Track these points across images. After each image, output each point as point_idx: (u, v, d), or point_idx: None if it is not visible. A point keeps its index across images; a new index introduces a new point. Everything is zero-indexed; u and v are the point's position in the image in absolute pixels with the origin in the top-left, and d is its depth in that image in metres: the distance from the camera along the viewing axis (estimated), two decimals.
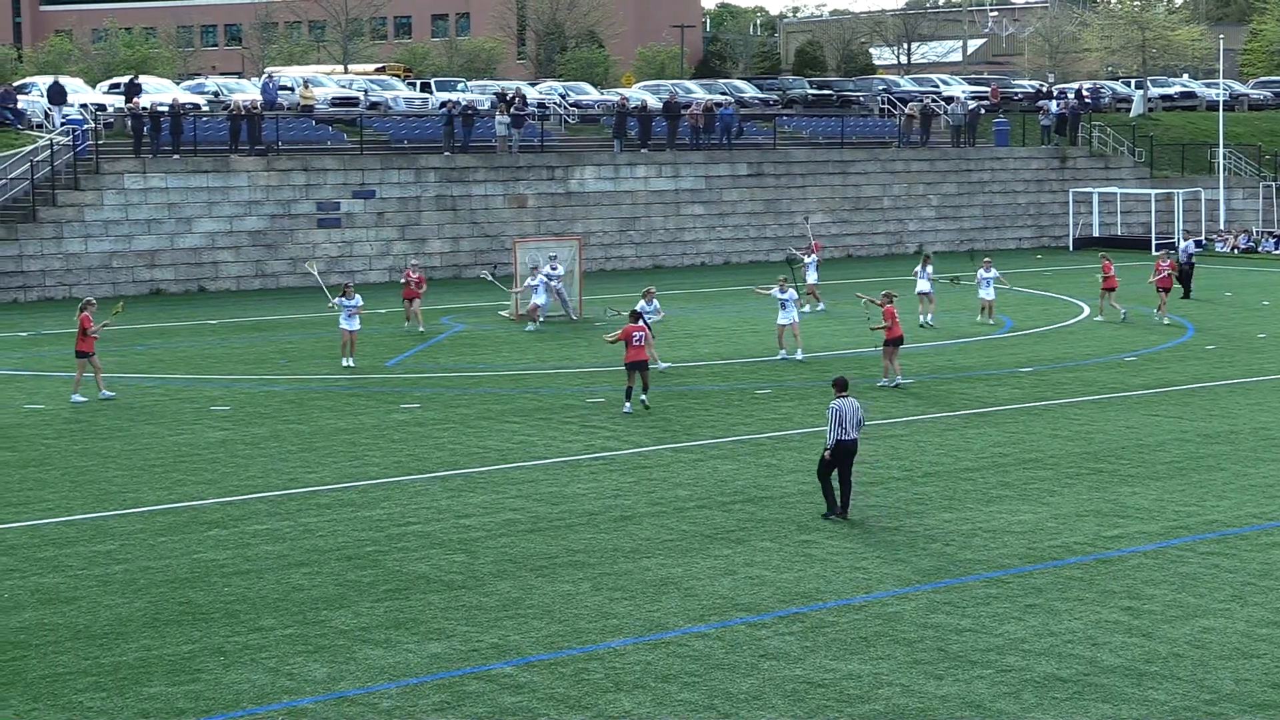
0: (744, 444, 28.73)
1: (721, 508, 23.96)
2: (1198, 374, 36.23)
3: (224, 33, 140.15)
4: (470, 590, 19.80)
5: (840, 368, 35.92)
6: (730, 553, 21.41)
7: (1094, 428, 30.00)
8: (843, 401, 22.95)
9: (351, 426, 30.58)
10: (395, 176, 59.67)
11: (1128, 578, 20.05)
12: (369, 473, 26.55)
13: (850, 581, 20.03)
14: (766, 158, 67.72)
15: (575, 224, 62.19)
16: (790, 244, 65.84)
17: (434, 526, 22.93)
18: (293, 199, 57.78)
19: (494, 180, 61.52)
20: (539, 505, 24.19)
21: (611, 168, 63.96)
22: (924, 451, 27.95)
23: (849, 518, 23.12)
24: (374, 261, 58.97)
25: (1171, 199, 71.90)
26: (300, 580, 20.26)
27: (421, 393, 34.45)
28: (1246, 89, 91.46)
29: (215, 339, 43.14)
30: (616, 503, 24.28)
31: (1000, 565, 20.68)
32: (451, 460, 27.51)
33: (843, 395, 23.03)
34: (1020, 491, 24.88)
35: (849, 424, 22.88)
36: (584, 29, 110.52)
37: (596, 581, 20.10)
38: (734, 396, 33.71)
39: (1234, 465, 26.67)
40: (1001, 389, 34.41)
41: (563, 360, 38.86)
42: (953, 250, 69.18)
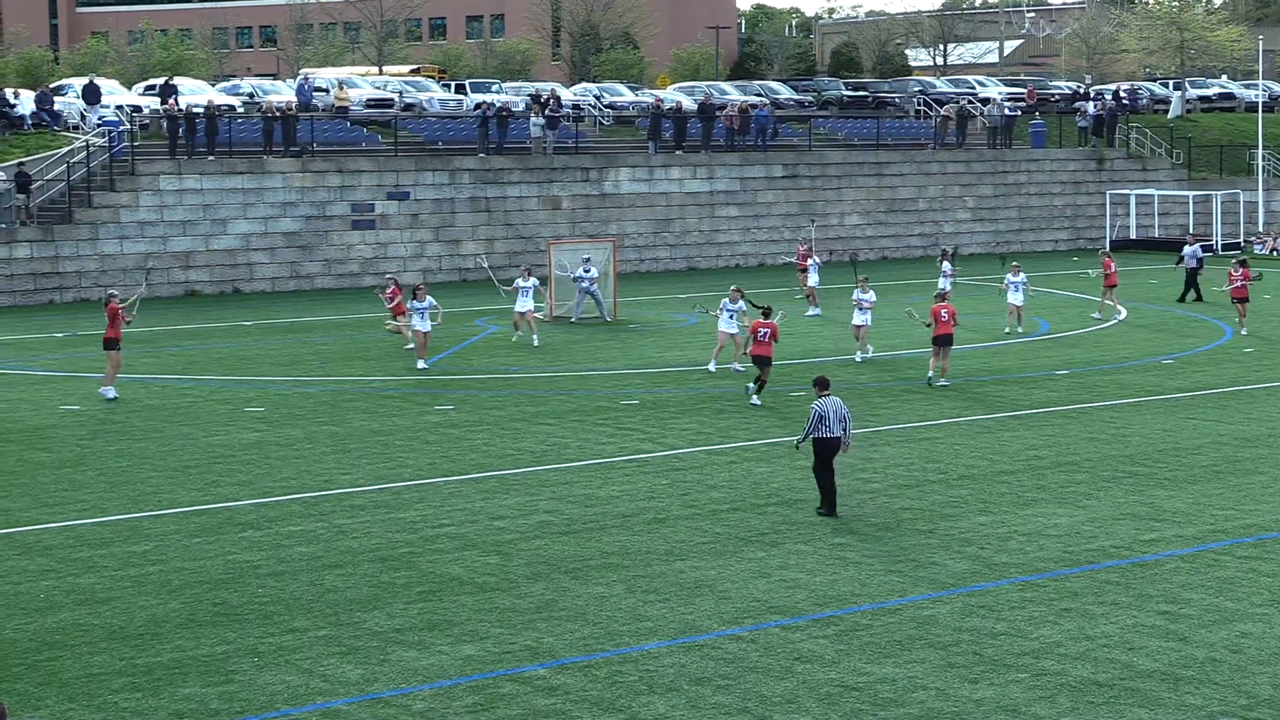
0: (777, 447, 28.71)
1: (755, 510, 23.95)
2: (1235, 377, 36.07)
3: (259, 34, 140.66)
4: (504, 592, 19.83)
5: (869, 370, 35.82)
6: (764, 555, 21.40)
7: (1130, 430, 29.89)
8: (825, 400, 23.23)
9: (385, 428, 30.65)
10: (430, 178, 59.82)
11: (1164, 581, 19.98)
12: (402, 474, 26.61)
13: (885, 585, 20.01)
14: (802, 159, 67.68)
15: (610, 226, 62.24)
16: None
17: (467, 528, 22.97)
18: (327, 200, 57.97)
19: (528, 182, 61.62)
20: (572, 507, 24.21)
21: (646, 169, 64.00)
22: (959, 454, 27.90)
23: (838, 514, 23.40)
24: (408, 263, 59.10)
25: (1210, 201, 71.63)
26: (334, 582, 20.32)
27: (455, 394, 34.51)
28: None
29: (249, 340, 43.30)
30: (650, 505, 24.29)
31: (1036, 569, 20.63)
32: (485, 462, 27.55)
33: (825, 394, 23.31)
34: (1056, 494, 24.81)
35: (831, 422, 23.13)
36: (619, 30, 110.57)
37: (630, 584, 20.12)
38: (768, 398, 33.67)
39: (1272, 469, 26.54)
40: (1037, 391, 34.31)
41: (596, 362, 38.89)
42: (989, 252, 69.02)
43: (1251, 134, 75.29)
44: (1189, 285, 50.55)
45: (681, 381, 35.96)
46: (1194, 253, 51.20)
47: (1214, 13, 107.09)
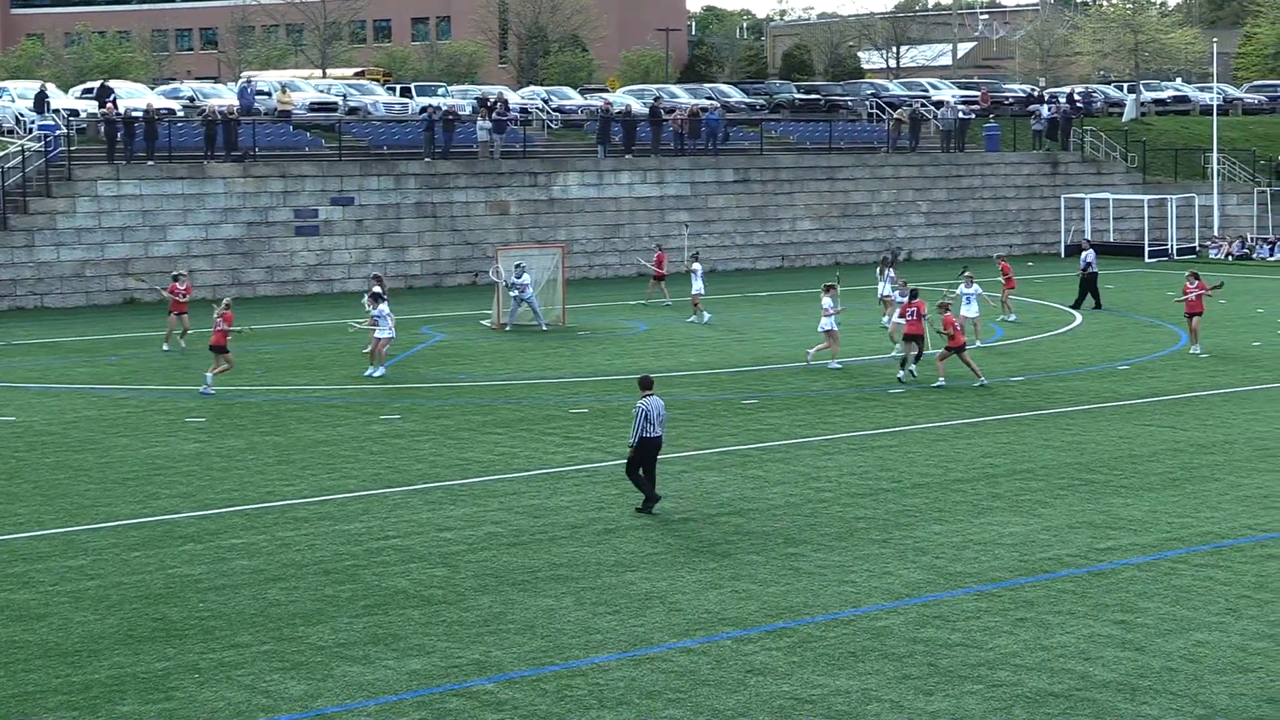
0: (730, 455, 28.73)
1: (707, 520, 23.95)
2: (1191, 383, 36.30)
3: (199, 36, 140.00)
4: (451, 605, 19.78)
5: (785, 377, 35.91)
6: (716, 566, 21.40)
7: (1086, 438, 30.04)
8: (648, 400, 23.88)
9: (329, 438, 30.54)
10: (374, 183, 59.66)
11: (1120, 591, 20.07)
12: (347, 485, 26.51)
13: (838, 595, 20.04)
14: (753, 163, 67.81)
15: (558, 231, 62.21)
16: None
17: (414, 540, 22.90)
18: (270, 206, 57.74)
19: (475, 187, 61.53)
20: (521, 518, 24.16)
21: (595, 174, 64.01)
22: (913, 462, 27.98)
23: (655, 512, 23.99)
24: (353, 270, 58.92)
25: (1165, 205, 72.10)
26: (277, 595, 20.22)
27: (401, 404, 34.41)
28: (1240, 93, 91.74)
29: (190, 349, 43.02)
30: (600, 515, 24.26)
31: (991, 578, 20.70)
32: (432, 473, 27.47)
33: (648, 394, 23.99)
34: (1011, 503, 24.91)
35: (655, 421, 23.82)
36: (567, 32, 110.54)
37: (579, 596, 20.09)
38: (720, 406, 33.71)
39: (1228, 476, 26.73)
40: (992, 398, 34.45)
41: (545, 370, 38.85)
42: (942, 258, 69.28)
43: (1206, 137, 75.85)
44: (1085, 290, 50.52)
45: (631, 389, 35.91)
46: (1086, 257, 51.16)
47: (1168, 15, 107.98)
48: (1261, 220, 73.42)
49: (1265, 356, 40.27)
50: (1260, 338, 43.57)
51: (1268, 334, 44.36)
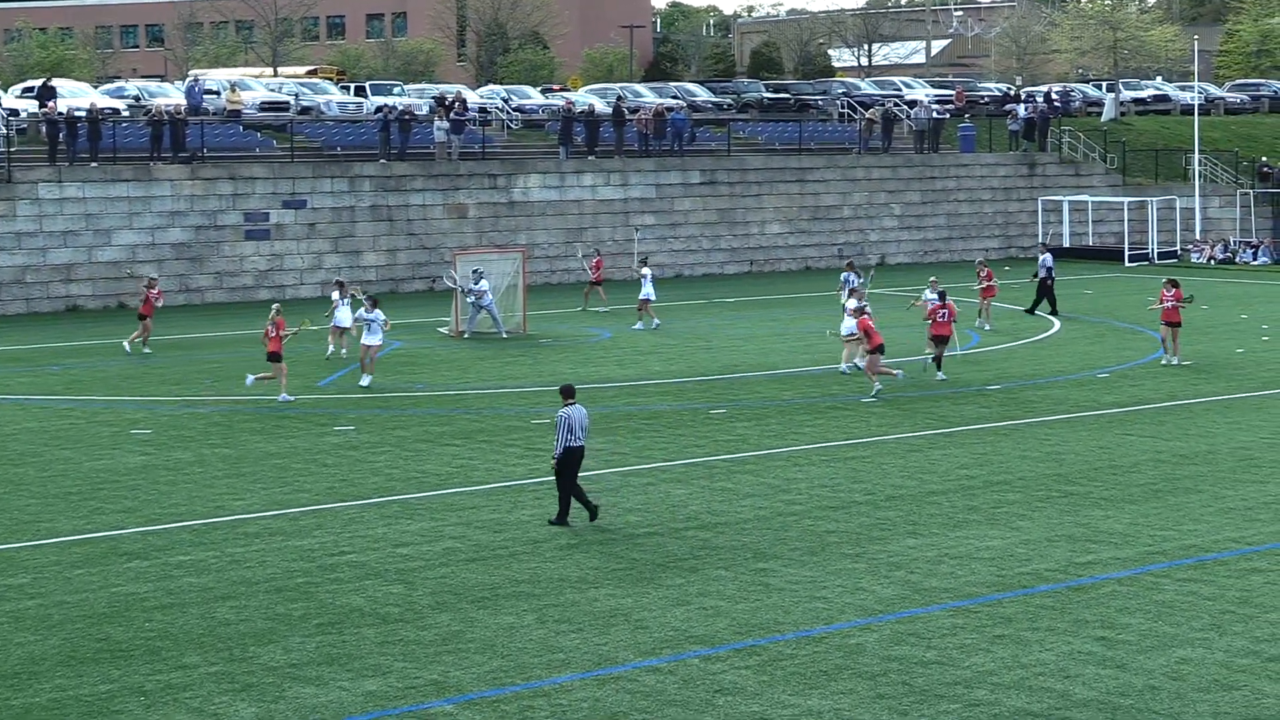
0: (697, 467, 28.74)
1: (674, 534, 23.95)
2: (1173, 391, 36.46)
3: (145, 33, 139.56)
4: (408, 624, 19.73)
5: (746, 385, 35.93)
6: (683, 582, 21.40)
7: (1065, 448, 30.14)
8: (571, 409, 24.19)
9: (281, 450, 30.44)
10: (328, 185, 59.54)
11: (1101, 606, 20.13)
12: (300, 499, 26.43)
13: (809, 612, 20.05)
14: (720, 165, 67.89)
15: (519, 235, 62.18)
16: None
17: (369, 556, 22.84)
18: (219, 209, 57.57)
19: (432, 189, 61.45)
20: (480, 533, 24.13)
21: (557, 176, 64.00)
22: (887, 474, 28.02)
23: (570, 524, 24.19)
24: (305, 275, 58.78)
25: (1145, 207, 72.41)
26: (227, 614, 20.14)
27: (356, 414, 34.33)
28: (1222, 92, 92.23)
29: (136, 358, 42.88)
30: (562, 530, 24.23)
31: (967, 594, 20.73)
32: (388, 486, 27.41)
33: (570, 402, 24.28)
34: (988, 515, 24.96)
35: (578, 430, 24.10)
36: (527, 29, 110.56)
37: (541, 613, 20.06)
38: (687, 416, 33.73)
39: (1212, 487, 26.84)
40: (968, 407, 34.54)
41: (506, 380, 38.81)
42: (916, 262, 69.46)
43: (1187, 137, 76.22)
44: (1041, 295, 50.57)
45: (595, 399, 35.94)
46: (1045, 262, 51.27)
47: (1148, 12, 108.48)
48: (1244, 223, 73.74)
49: (1249, 364, 40.46)
50: (1244, 344, 43.77)
51: (1251, 341, 44.57)
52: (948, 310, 37.60)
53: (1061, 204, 73.06)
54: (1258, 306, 53.07)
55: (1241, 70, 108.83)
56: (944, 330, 37.58)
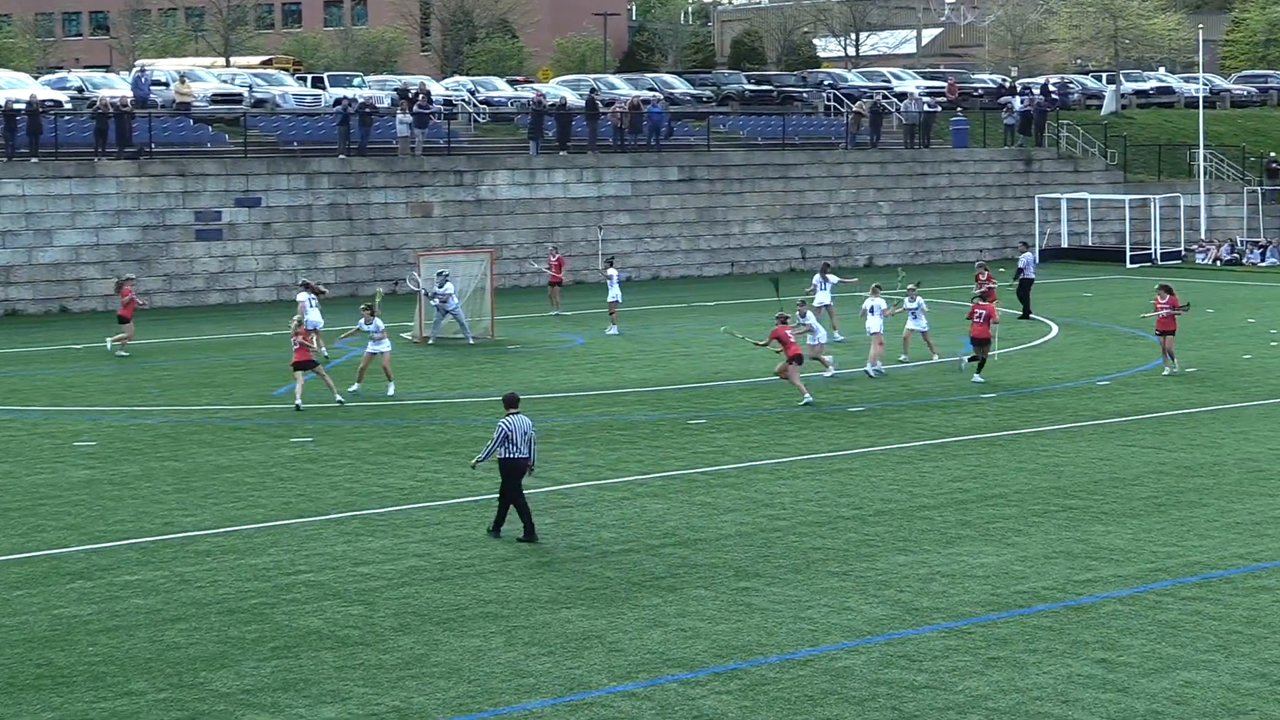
0: (675, 480, 28.76)
1: (650, 552, 23.96)
2: (1177, 400, 36.56)
3: (89, 21, 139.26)
4: (368, 646, 19.71)
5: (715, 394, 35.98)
6: (660, 602, 21.41)
7: (1063, 460, 30.21)
8: (512, 419, 24.37)
9: (234, 463, 30.40)
10: (284, 182, 59.47)
11: (1101, 626, 20.18)
12: (254, 515, 26.39)
13: (794, 633, 20.07)
14: (699, 161, 67.95)
15: (486, 235, 62.17)
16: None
17: (327, 575, 22.82)
18: (168, 208, 57.46)
19: (395, 187, 61.41)
20: (446, 550, 24.12)
21: (527, 172, 64.00)
22: (875, 487, 28.07)
23: (538, 540, 24.30)
24: (260, 277, 58.71)
25: (1147, 206, 72.63)
26: (176, 637, 20.10)
27: (313, 425, 34.29)
28: (1228, 84, 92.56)
29: (79, 365, 42.80)
30: (532, 547, 24.24)
31: (961, 614, 20.77)
32: (347, 501, 27.39)
33: (513, 412, 24.44)
34: (982, 531, 25.01)
35: (519, 441, 24.28)
36: (495, 17, 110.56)
37: (510, 635, 20.06)
38: (664, 427, 33.75)
39: (1218, 501, 26.92)
40: (961, 417, 34.61)
41: (472, 388, 38.79)
42: (906, 264, 69.59)
43: (1192, 132, 76.48)
44: (1025, 296, 51.00)
45: (567, 408, 35.94)
46: (1030, 260, 51.58)
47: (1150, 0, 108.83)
48: (1252, 222, 74.00)
49: (1256, 370, 40.59)
50: (1251, 350, 43.91)
51: (1259, 346, 44.71)
52: (986, 311, 38.38)
53: (1059, 202, 73.24)
54: (1266, 310, 53.24)
55: (1249, 61, 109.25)
56: (982, 332, 38.34)
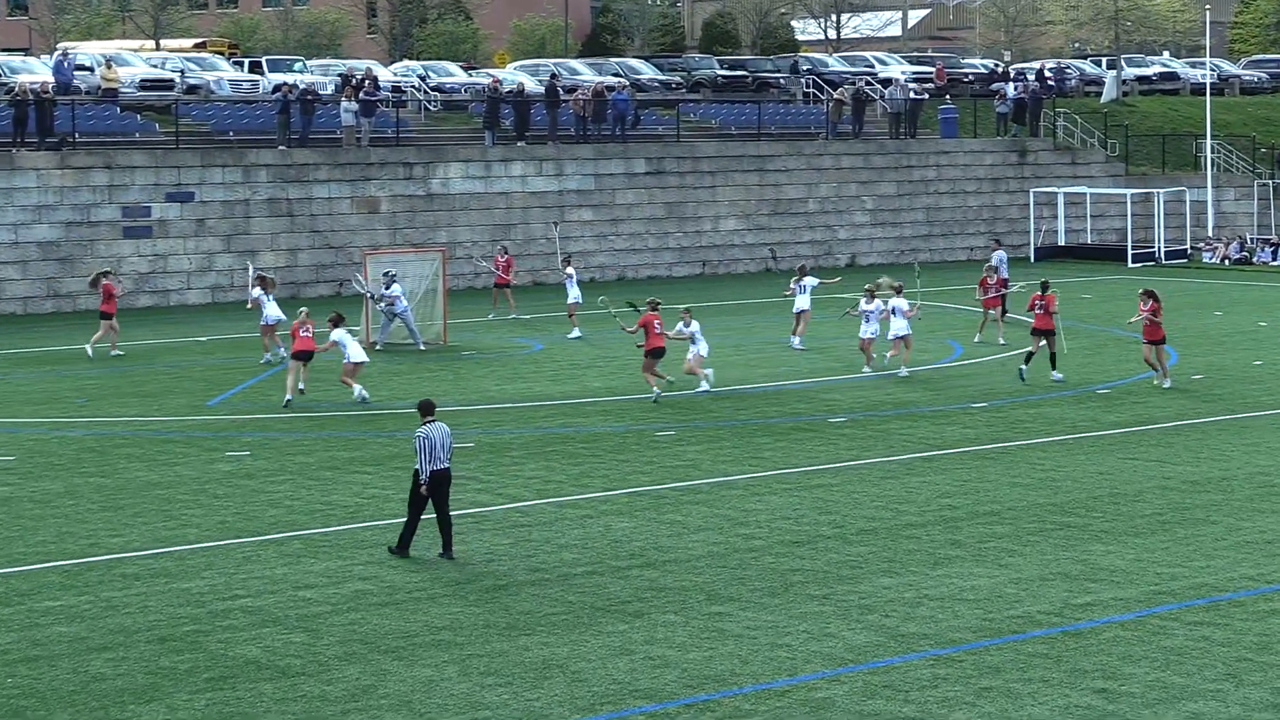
0: (642, 497, 28.76)
1: (616, 574, 23.97)
2: (1183, 409, 36.68)
3: (5, 0, 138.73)
4: (311, 677, 19.68)
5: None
6: (626, 628, 21.42)
7: (1060, 474, 30.29)
8: (430, 427, 24.62)
9: (165, 479, 30.32)
10: (219, 175, 59.35)
11: (1101, 654, 20.23)
12: (187, 536, 26.33)
13: (771, 662, 20.09)
14: (668, 152, 67.99)
15: (438, 233, 62.13)
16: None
17: (266, 600, 22.78)
18: (93, 203, 57.30)
19: (339, 180, 61.33)
20: (394, 573, 24.08)
21: (482, 164, 63.97)
22: (858, 504, 28.11)
23: (454, 557, 24.56)
24: (193, 278, 58.57)
25: (1151, 200, 72.86)
26: (102, 668, 20.05)
27: (251, 437, 34.22)
28: (1237, 69, 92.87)
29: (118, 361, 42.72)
30: (488, 569, 24.23)
31: (950, 640, 20.81)
32: (288, 520, 27.34)
33: (429, 420, 24.69)
34: (973, 551, 25.06)
35: (439, 451, 24.51)
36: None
37: (464, 665, 20.04)
38: (631, 439, 33.75)
39: (1226, 518, 27.01)
40: (950, 428, 34.68)
41: (423, 398, 38.60)
42: (891, 263, 69.68)
43: (1198, 121, 76.76)
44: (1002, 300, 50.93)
45: (525, 419, 35.94)
46: (1002, 258, 51.77)
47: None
48: (1263, 218, 74.27)
49: (1268, 377, 40.75)
50: (1262, 356, 44.07)
51: (1271, 352, 44.87)
52: (1047, 302, 39.74)
53: (1056, 197, 73.44)
54: (1277, 313, 53.42)
55: (1259, 45, 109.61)
56: (1045, 324, 39.67)
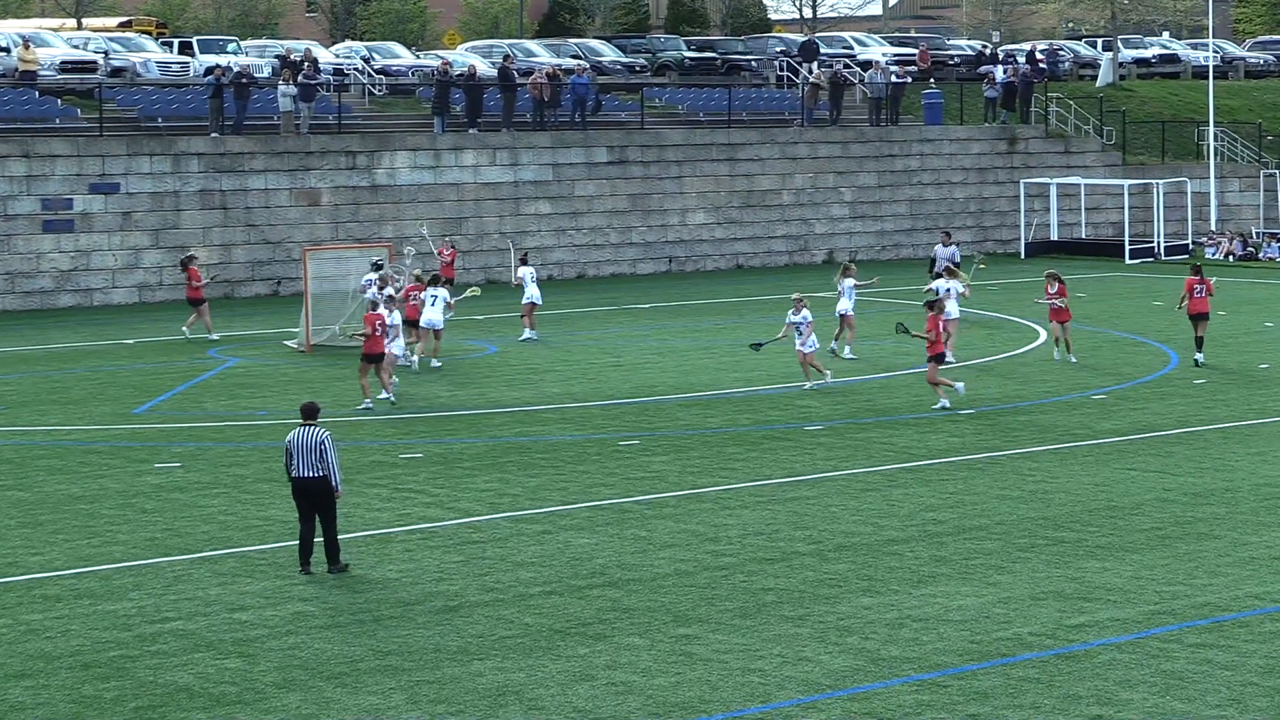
0: (604, 511, 28.78)
1: (576, 594, 23.98)
2: (1184, 416, 36.80)
3: None
4: (247, 705, 19.66)
5: None
6: (587, 652, 21.43)
7: (1053, 485, 30.37)
8: (297, 432, 24.87)
9: (89, 493, 30.25)
10: (146, 165, 59.21)
11: (1097, 678, 20.30)
12: (113, 554, 26.28)
13: (742, 688, 20.11)
14: (632, 140, 67.99)
15: (384, 227, 62.05)
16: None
17: (199, 623, 22.75)
18: (9, 195, 57.15)
19: (277, 170, 61.23)
20: (338, 594, 24.07)
21: (431, 153, 63.92)
22: (836, 518, 28.16)
23: (346, 568, 24.84)
24: (119, 276, 58.41)
25: (1149, 192, 73.02)
26: (20, 696, 20.01)
27: (182, 448, 34.16)
28: (1242, 51, 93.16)
29: None
30: (439, 589, 24.23)
31: (935, 664, 20.86)
32: (223, 536, 27.30)
33: (307, 424, 24.91)
34: (960, 569, 25.12)
35: (300, 458, 24.70)
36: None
37: (413, 691, 20.04)
38: (592, 449, 33.76)
39: (1229, 532, 27.11)
40: (935, 436, 34.75)
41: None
42: (873, 259, 69.80)
43: (1201, 107, 76.98)
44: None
45: (478, 427, 35.92)
46: (951, 255, 52.44)
47: None
48: (1269, 211, 74.36)
49: (1275, 381, 40.88)
50: (1269, 359, 44.19)
51: (1277, 354, 44.99)
52: (1205, 285, 42.36)
53: (1048, 188, 73.57)
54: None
55: (1265, 25, 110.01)
56: (1203, 307, 42.38)
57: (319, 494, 24.74)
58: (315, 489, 24.71)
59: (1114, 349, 46.19)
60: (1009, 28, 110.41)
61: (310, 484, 24.68)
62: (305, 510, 24.87)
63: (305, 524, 24.92)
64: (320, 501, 24.81)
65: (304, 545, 24.96)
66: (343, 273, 47.45)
